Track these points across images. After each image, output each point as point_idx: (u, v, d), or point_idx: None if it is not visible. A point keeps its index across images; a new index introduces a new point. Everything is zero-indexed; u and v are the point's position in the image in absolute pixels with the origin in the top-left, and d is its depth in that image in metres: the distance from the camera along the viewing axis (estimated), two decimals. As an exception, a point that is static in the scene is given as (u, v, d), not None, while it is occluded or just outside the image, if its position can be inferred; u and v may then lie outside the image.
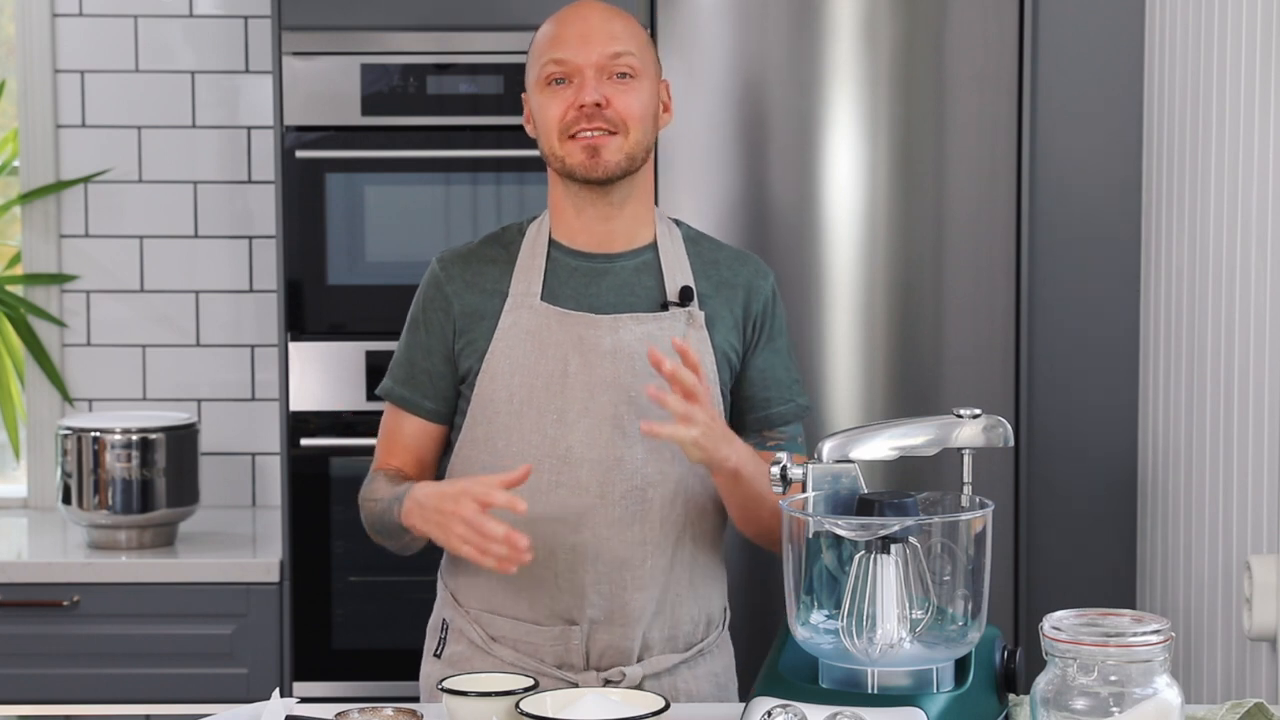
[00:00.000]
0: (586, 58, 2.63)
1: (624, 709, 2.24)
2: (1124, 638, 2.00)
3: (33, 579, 3.80)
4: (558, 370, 2.64)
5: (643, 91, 2.65)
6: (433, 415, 2.71)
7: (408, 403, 2.72)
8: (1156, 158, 3.55)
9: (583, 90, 2.62)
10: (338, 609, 3.80)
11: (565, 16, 2.68)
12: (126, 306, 4.36)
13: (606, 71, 2.63)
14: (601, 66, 2.63)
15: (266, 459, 4.36)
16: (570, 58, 2.63)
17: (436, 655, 2.75)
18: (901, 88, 3.63)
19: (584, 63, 2.62)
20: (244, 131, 4.32)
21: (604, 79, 2.63)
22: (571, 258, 2.69)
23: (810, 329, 3.62)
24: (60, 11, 4.32)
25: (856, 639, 2.18)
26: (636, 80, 2.65)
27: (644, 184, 2.71)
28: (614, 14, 2.68)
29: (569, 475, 2.62)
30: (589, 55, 2.63)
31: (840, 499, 2.32)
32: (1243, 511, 3.03)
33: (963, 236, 3.64)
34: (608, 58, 2.63)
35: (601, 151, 2.62)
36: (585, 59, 2.62)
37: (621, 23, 2.67)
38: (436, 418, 2.72)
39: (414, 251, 3.74)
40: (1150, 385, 3.60)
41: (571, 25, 2.66)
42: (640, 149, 2.65)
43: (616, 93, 2.63)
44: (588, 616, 2.64)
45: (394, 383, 2.73)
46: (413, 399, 2.71)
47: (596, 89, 2.61)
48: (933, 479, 3.17)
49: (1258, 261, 2.96)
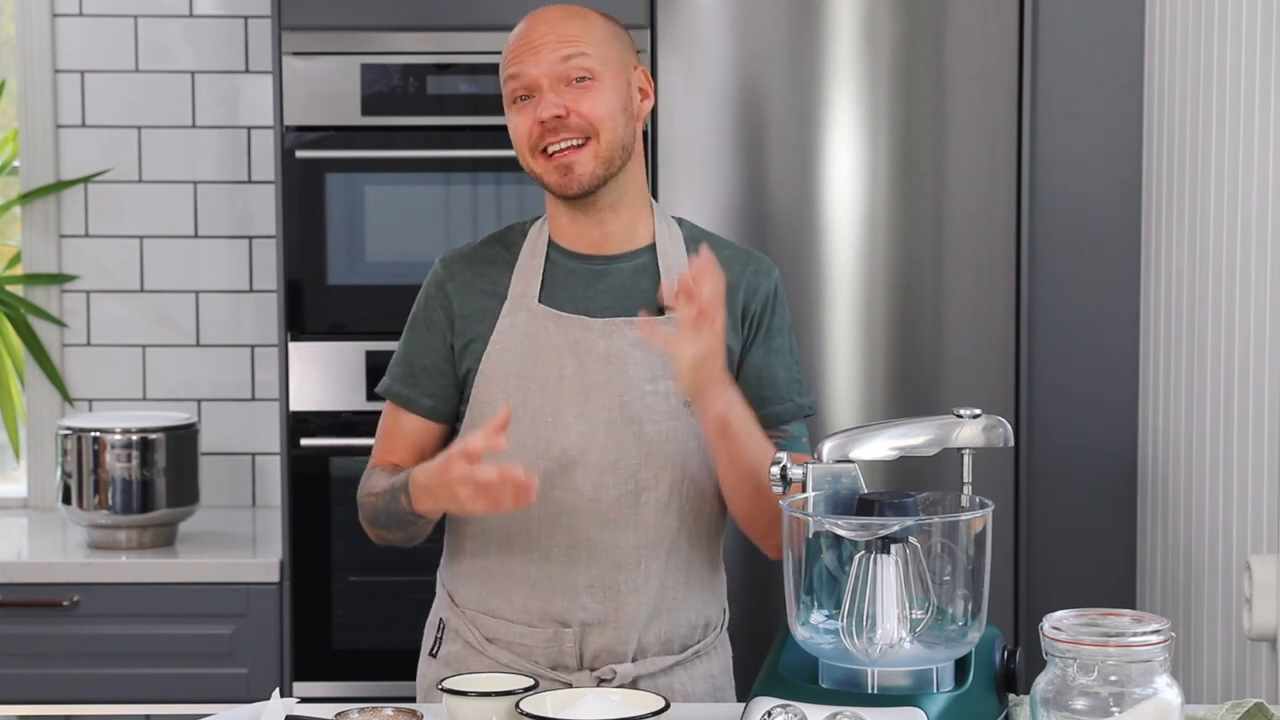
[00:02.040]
0: (539, 68, 2.57)
1: (624, 709, 2.24)
2: (1124, 638, 2.00)
3: (33, 579, 3.80)
4: (554, 374, 2.62)
5: (605, 90, 2.59)
6: (431, 413, 2.69)
7: (407, 400, 2.69)
8: (1156, 158, 3.55)
9: (541, 104, 2.57)
10: (338, 609, 3.80)
11: (519, 27, 2.64)
12: (126, 306, 4.36)
13: (564, 78, 2.57)
14: (557, 75, 2.57)
15: (266, 459, 4.36)
16: (524, 70, 2.58)
17: (432, 654, 2.74)
18: (901, 88, 3.63)
19: (538, 74, 2.57)
20: (244, 131, 4.32)
21: (562, 86, 2.57)
22: (569, 260, 2.67)
23: (810, 329, 3.62)
24: (60, 11, 4.32)
25: (856, 639, 2.18)
26: (597, 80, 2.58)
27: (634, 182, 2.66)
28: (568, 15, 2.62)
29: (564, 478, 2.61)
30: (540, 65, 2.57)
31: (840, 499, 2.31)
32: (1243, 511, 3.03)
33: (963, 236, 3.64)
34: (560, 62, 2.57)
35: (574, 168, 2.57)
36: (538, 69, 2.57)
37: (577, 22, 2.61)
38: (435, 415, 2.69)
39: (414, 251, 3.74)
40: (1150, 385, 3.60)
41: (522, 37, 2.61)
42: (615, 150, 2.59)
43: (577, 98, 2.57)
44: (580, 619, 2.63)
45: (393, 380, 2.71)
46: (412, 396, 2.69)
47: (555, 101, 2.56)
48: (933, 479, 3.16)
49: (1258, 261, 2.96)
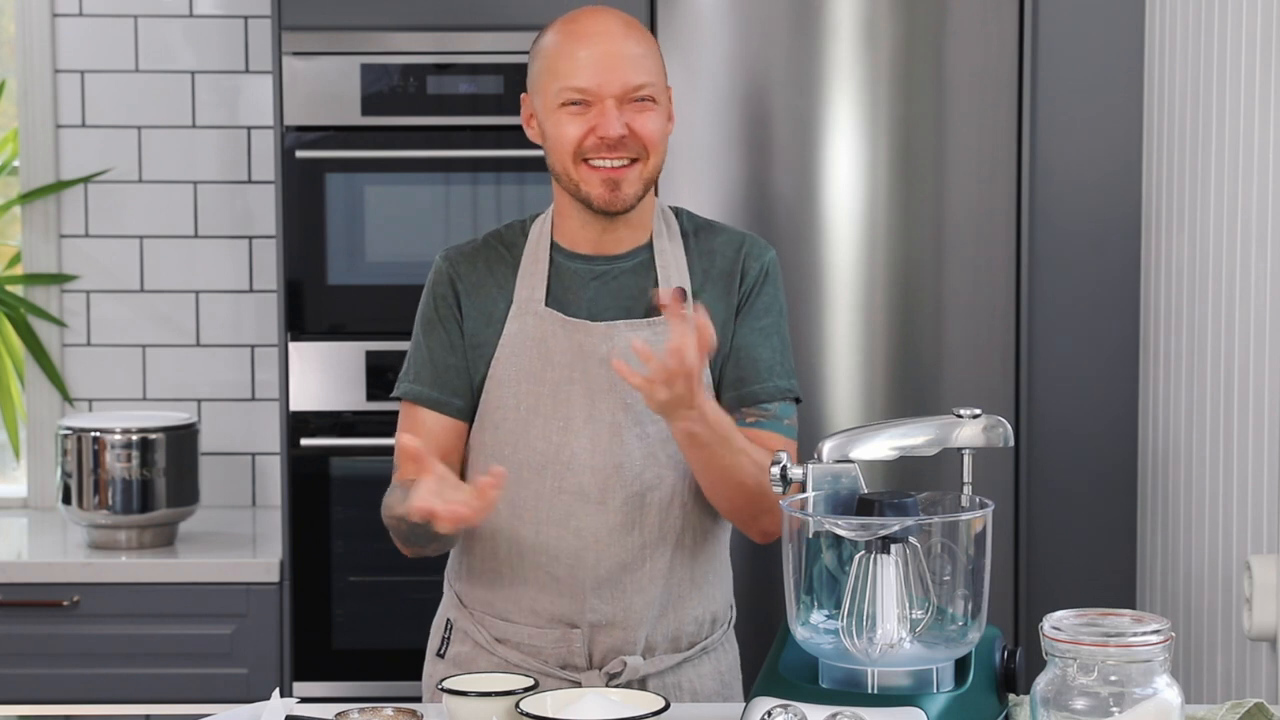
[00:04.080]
0: (609, 89, 2.54)
1: (624, 709, 2.24)
2: (1124, 638, 2.00)
3: (33, 579, 3.80)
4: (563, 378, 2.61)
5: (660, 114, 2.59)
6: (461, 413, 2.65)
7: (437, 403, 2.64)
8: (1156, 158, 3.55)
9: (605, 120, 2.54)
10: (338, 609, 3.80)
11: (580, 29, 2.58)
12: (126, 306, 4.36)
13: (628, 98, 2.56)
14: (624, 94, 2.55)
15: (266, 459, 4.36)
16: (591, 86, 2.54)
17: (440, 655, 2.74)
18: (901, 88, 3.62)
19: (606, 94, 2.54)
20: (244, 131, 4.32)
21: (624, 104, 2.55)
22: (572, 261, 2.67)
23: (810, 328, 3.62)
24: (60, 11, 4.31)
25: (856, 639, 2.18)
26: (656, 104, 2.58)
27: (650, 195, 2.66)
28: (630, 33, 2.58)
29: (572, 481, 2.61)
30: (611, 87, 2.54)
31: (840, 499, 2.31)
32: (1243, 511, 3.03)
33: (963, 236, 3.64)
34: (630, 85, 2.55)
35: (621, 185, 2.56)
36: (608, 90, 2.54)
37: (642, 45, 2.58)
38: (464, 415, 2.65)
39: (414, 251, 3.74)
40: (1150, 385, 3.60)
41: (590, 45, 2.56)
42: (657, 172, 2.60)
43: (637, 118, 2.56)
44: (588, 620, 2.63)
45: (421, 386, 2.65)
46: (442, 399, 2.64)
47: (619, 120, 2.54)
48: (933, 479, 3.16)
49: (1258, 261, 2.96)
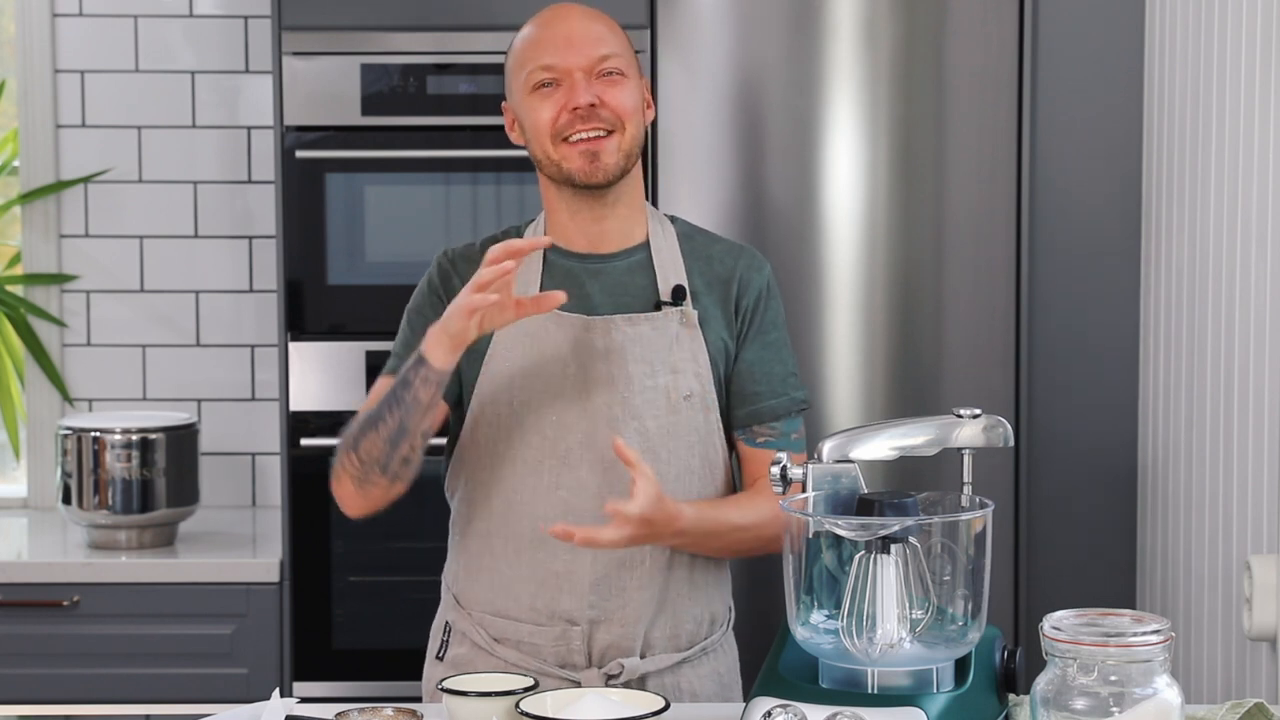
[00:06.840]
0: (575, 61, 2.61)
1: (624, 709, 2.24)
2: (1124, 638, 2.00)
3: (33, 579, 3.80)
4: (557, 373, 2.63)
5: (631, 87, 2.64)
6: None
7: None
8: (1156, 158, 3.55)
9: (574, 92, 2.60)
10: (338, 609, 3.80)
11: (546, 19, 2.66)
12: (126, 306, 4.36)
13: (596, 72, 2.62)
14: (590, 67, 2.61)
15: (266, 459, 4.36)
16: (557, 62, 2.61)
17: (439, 658, 2.75)
18: (901, 88, 3.63)
19: (572, 66, 2.61)
20: (244, 131, 4.32)
21: (593, 78, 2.62)
22: (566, 259, 2.68)
23: (810, 329, 3.62)
24: (60, 11, 4.31)
25: (856, 639, 2.18)
26: (625, 78, 2.64)
27: (635, 183, 2.70)
28: (593, 16, 2.67)
29: (569, 476, 2.62)
30: (576, 59, 2.61)
31: (840, 499, 2.31)
32: (1243, 511, 3.03)
33: (963, 236, 3.64)
34: (595, 60, 2.62)
35: (600, 155, 2.61)
36: (573, 62, 2.61)
37: (603, 24, 2.66)
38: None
39: (414, 251, 3.74)
40: (1150, 385, 3.60)
41: (553, 28, 2.64)
42: (636, 145, 2.65)
43: (608, 90, 2.62)
44: (587, 617, 2.64)
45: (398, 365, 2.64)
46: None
47: (589, 90, 2.60)
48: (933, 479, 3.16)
49: (1258, 261, 2.96)
